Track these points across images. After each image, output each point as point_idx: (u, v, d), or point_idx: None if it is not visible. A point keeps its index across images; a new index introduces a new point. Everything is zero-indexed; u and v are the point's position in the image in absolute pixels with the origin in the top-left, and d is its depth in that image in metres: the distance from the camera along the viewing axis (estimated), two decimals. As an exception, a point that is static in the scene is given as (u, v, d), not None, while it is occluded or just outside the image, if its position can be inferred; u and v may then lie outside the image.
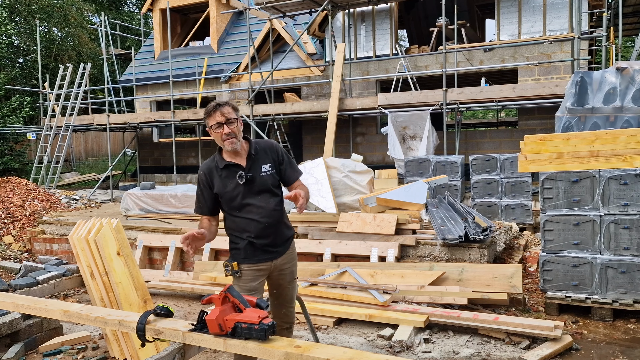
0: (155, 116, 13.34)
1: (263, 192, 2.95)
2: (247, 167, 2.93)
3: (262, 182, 2.95)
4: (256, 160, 2.96)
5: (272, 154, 3.03)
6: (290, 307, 3.19)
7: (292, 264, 3.13)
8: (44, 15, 21.05)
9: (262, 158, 2.98)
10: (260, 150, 3.01)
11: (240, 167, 2.93)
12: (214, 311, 2.29)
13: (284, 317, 3.17)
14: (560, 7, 10.70)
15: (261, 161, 2.97)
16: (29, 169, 15.78)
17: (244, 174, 2.90)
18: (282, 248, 3.05)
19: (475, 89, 9.99)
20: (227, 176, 2.93)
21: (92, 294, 4.14)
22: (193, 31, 16.06)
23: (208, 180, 2.96)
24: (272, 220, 2.96)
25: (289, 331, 3.23)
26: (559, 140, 4.80)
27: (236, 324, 2.24)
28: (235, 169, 2.92)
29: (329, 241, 6.01)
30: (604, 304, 4.56)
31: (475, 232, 5.35)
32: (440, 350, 4.15)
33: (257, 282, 2.98)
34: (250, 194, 2.92)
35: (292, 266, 3.14)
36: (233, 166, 2.93)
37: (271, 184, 2.99)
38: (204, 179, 2.97)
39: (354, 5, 11.97)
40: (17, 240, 8.34)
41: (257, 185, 2.93)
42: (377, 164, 11.46)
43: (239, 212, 2.94)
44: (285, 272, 3.09)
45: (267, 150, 3.02)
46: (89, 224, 4.13)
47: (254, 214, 2.92)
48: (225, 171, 2.93)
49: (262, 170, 2.95)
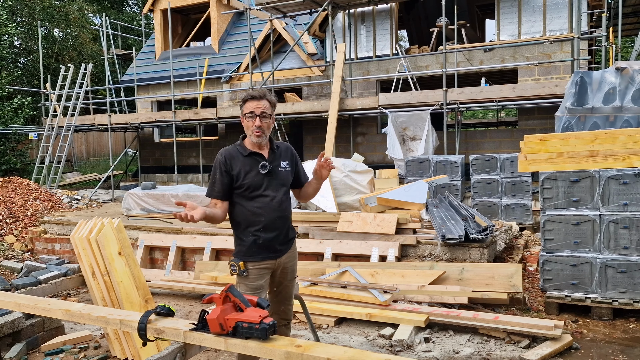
0: (157, 116, 13.36)
1: (280, 186, 3.06)
2: (270, 159, 3.04)
3: (280, 176, 3.07)
4: (277, 156, 3.09)
5: (290, 154, 3.18)
6: (290, 304, 3.28)
7: (293, 263, 3.23)
8: (45, 15, 21.08)
9: (282, 155, 3.12)
10: (281, 147, 3.16)
11: (263, 157, 3.03)
12: (215, 310, 2.30)
13: (282, 314, 3.23)
14: (560, 7, 10.71)
15: (282, 158, 3.11)
16: (30, 169, 15.80)
17: (266, 164, 2.99)
18: (286, 247, 3.13)
19: (476, 89, 10.00)
20: (249, 164, 3.00)
21: (94, 293, 4.15)
22: (194, 31, 16.07)
23: (228, 164, 2.98)
24: (283, 215, 3.06)
25: (287, 327, 3.28)
26: (558, 140, 4.81)
27: (237, 323, 2.25)
28: (258, 159, 3.01)
29: (329, 241, 6.02)
30: (604, 303, 4.57)
31: (476, 232, 5.36)
32: (440, 349, 4.16)
33: (263, 280, 3.04)
34: (269, 185, 3.01)
35: (293, 265, 3.23)
36: (256, 155, 3.01)
37: (286, 180, 3.12)
38: (223, 161, 2.99)
39: (354, 6, 11.98)
40: (19, 240, 8.36)
41: (276, 178, 3.04)
42: (377, 164, 11.46)
43: (254, 201, 2.99)
44: (287, 270, 3.17)
45: (288, 151, 3.18)
46: (91, 224, 4.14)
47: (267, 205, 3.00)
48: (248, 159, 3.00)
49: (281, 166, 3.08)
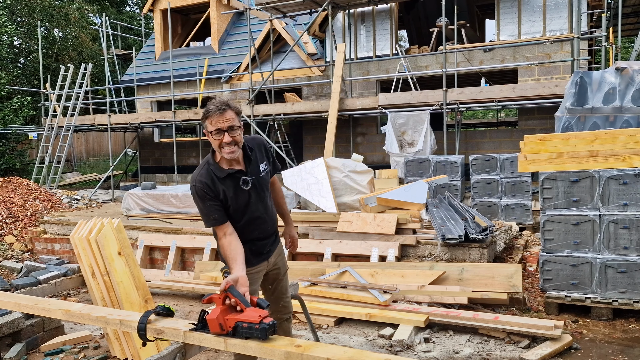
0: (156, 116, 13.36)
1: (264, 193, 2.85)
2: (248, 170, 2.76)
3: (263, 182, 2.83)
4: (254, 161, 2.80)
5: (264, 151, 2.89)
6: (287, 297, 3.21)
7: (282, 256, 3.14)
8: (44, 15, 21.06)
9: (258, 157, 2.83)
10: (255, 148, 2.83)
11: (241, 172, 2.73)
12: (215, 311, 2.29)
13: (282, 310, 3.18)
14: (560, 8, 10.71)
15: (258, 161, 2.82)
16: (30, 169, 15.80)
17: (247, 178, 2.72)
18: (274, 245, 3.03)
19: (475, 89, 10.00)
20: (230, 185, 2.69)
21: (94, 293, 4.15)
22: (194, 31, 16.06)
23: (210, 189, 2.65)
24: (271, 219, 2.95)
25: (289, 322, 3.25)
26: (558, 140, 4.81)
27: (237, 323, 2.24)
28: (237, 176, 2.71)
29: (329, 241, 6.02)
30: (604, 304, 4.57)
31: (475, 232, 5.36)
32: (440, 349, 4.16)
33: (257, 285, 2.97)
34: (254, 198, 2.79)
35: (282, 258, 3.14)
36: (235, 173, 2.71)
37: (267, 182, 2.89)
38: (205, 188, 2.65)
39: (354, 6, 11.97)
40: (18, 240, 8.36)
41: (259, 186, 2.81)
42: (377, 164, 11.46)
43: (243, 218, 2.78)
44: (278, 266, 3.10)
45: (261, 148, 2.88)
46: (90, 224, 4.14)
47: (257, 218, 2.83)
48: (227, 180, 2.69)
49: (260, 170, 2.81)
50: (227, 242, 2.67)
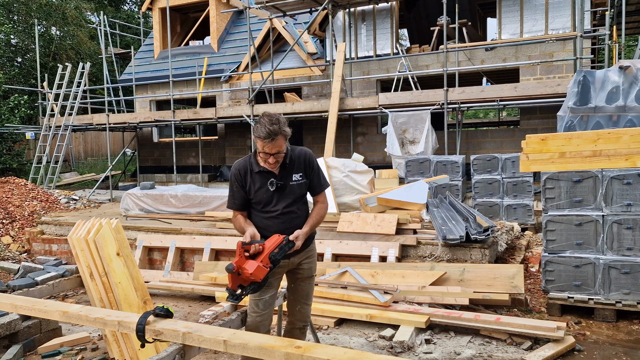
0: (155, 116, 13.32)
1: (290, 199, 3.06)
2: (280, 175, 3.03)
3: (291, 190, 3.06)
4: (289, 170, 3.06)
5: (305, 164, 3.11)
6: (306, 304, 3.23)
7: (310, 262, 3.21)
8: (42, 14, 20.98)
9: (295, 167, 3.07)
10: (295, 159, 3.08)
11: (273, 174, 3.02)
12: (251, 264, 2.68)
13: (297, 315, 3.21)
14: (563, 6, 10.67)
15: (294, 170, 3.07)
16: (27, 169, 15.75)
17: (275, 181, 3.00)
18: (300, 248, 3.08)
19: (477, 89, 9.97)
20: (259, 180, 3.02)
21: (92, 294, 4.11)
22: (193, 30, 16.03)
23: (241, 179, 3.04)
24: (292, 225, 3.04)
25: (301, 332, 3.26)
26: (561, 140, 4.77)
27: (271, 254, 2.75)
28: (267, 176, 3.02)
29: (329, 241, 5.98)
30: (607, 305, 4.53)
31: (477, 232, 5.33)
32: (441, 351, 4.12)
33: (274, 277, 3.05)
34: (278, 199, 3.04)
35: (310, 263, 3.20)
36: (266, 173, 3.02)
37: (299, 192, 3.10)
38: (238, 177, 3.05)
39: (354, 5, 11.94)
40: (15, 241, 8.31)
41: (286, 192, 3.05)
42: (377, 164, 11.43)
43: (264, 213, 3.06)
44: (302, 269, 3.17)
45: (301, 160, 3.10)
46: (89, 224, 4.11)
47: (277, 218, 3.04)
48: (258, 175, 3.02)
49: (292, 179, 3.06)
50: (241, 218, 3.11)
